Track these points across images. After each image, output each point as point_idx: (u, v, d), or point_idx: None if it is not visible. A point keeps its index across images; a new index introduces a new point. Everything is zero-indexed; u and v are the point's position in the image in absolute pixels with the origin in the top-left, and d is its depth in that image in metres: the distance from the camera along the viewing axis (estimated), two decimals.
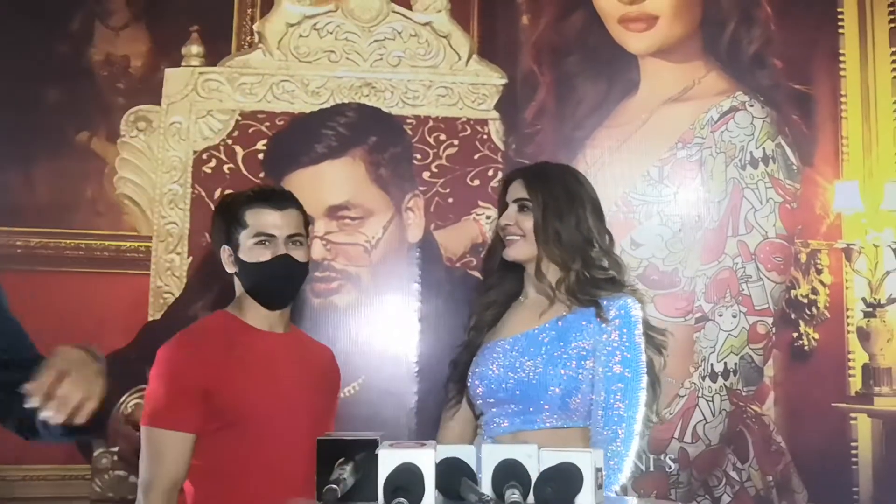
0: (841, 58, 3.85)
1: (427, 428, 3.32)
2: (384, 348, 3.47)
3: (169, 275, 3.45)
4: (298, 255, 2.35)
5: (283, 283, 2.37)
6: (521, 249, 2.41)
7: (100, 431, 1.99)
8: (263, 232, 2.33)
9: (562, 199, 2.41)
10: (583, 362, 2.31)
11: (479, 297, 2.57)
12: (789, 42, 3.80)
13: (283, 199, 2.37)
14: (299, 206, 2.39)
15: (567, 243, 2.37)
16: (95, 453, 3.32)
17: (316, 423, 2.37)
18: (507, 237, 2.43)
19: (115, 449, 3.35)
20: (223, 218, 2.38)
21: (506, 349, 2.40)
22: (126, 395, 3.35)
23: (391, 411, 3.38)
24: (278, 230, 2.34)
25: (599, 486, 1.77)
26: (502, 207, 2.48)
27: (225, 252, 2.37)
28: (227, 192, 3.31)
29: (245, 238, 2.33)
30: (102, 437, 2.75)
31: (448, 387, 2.55)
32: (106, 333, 3.33)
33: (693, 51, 3.75)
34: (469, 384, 2.45)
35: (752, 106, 3.73)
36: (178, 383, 2.26)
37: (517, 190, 2.45)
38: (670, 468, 3.53)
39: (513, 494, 1.55)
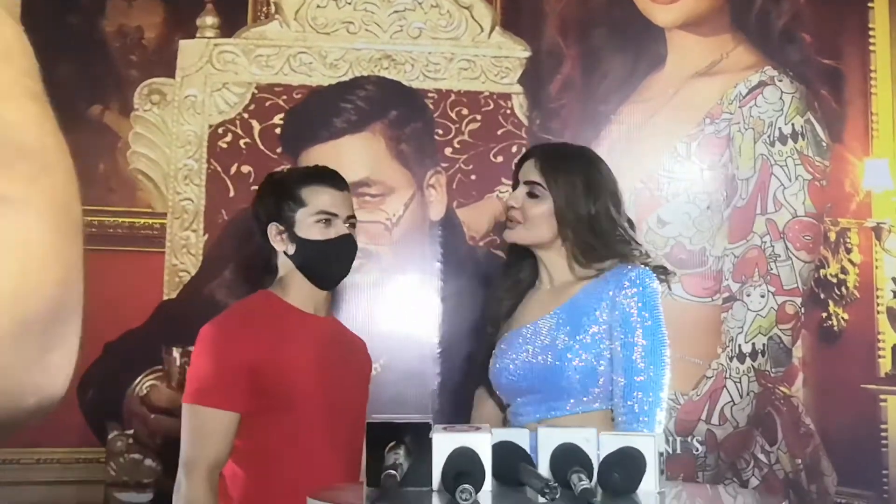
0: (871, 32, 3.76)
1: (450, 409, 3.25)
2: (406, 328, 3.38)
3: (185, 252, 3.36)
4: (355, 236, 2.40)
5: (343, 262, 2.40)
6: (521, 234, 2.40)
7: None
8: (326, 211, 2.34)
9: (579, 188, 2.36)
10: (600, 344, 2.26)
11: (491, 289, 2.57)
12: (818, 16, 3.71)
13: (340, 180, 2.40)
14: (349, 189, 2.42)
15: (582, 229, 2.34)
16: (110, 436, 3.24)
17: (356, 409, 2.39)
18: (508, 220, 2.41)
19: (130, 432, 3.26)
20: (275, 194, 2.36)
21: (524, 338, 2.36)
22: (141, 377, 3.27)
23: (414, 392, 3.30)
24: (339, 210, 2.36)
25: (662, 471, 1.71)
26: (515, 184, 2.44)
27: (273, 229, 2.35)
28: (244, 166, 3.24)
29: (304, 216, 2.33)
30: None
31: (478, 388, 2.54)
32: (120, 312, 3.24)
33: (721, 24, 3.65)
34: (491, 378, 2.42)
35: (780, 81, 3.64)
36: (226, 361, 2.22)
37: (529, 171, 2.41)
38: (697, 450, 3.46)
39: (581, 480, 1.47)
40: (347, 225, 2.38)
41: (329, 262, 2.37)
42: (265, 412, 2.24)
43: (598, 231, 2.33)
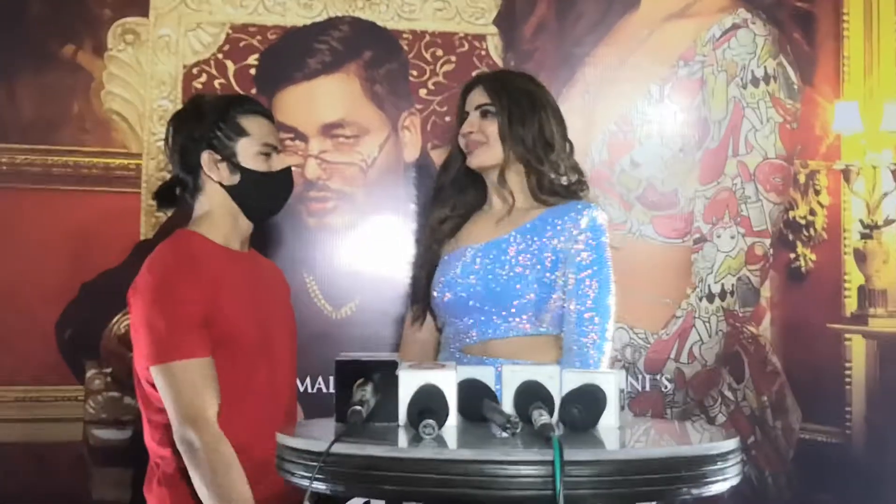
0: None
1: None
2: (380, 269, 3.41)
3: None
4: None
5: (285, 195, 2.38)
6: (486, 155, 2.45)
7: None
8: (269, 143, 2.30)
9: (524, 103, 2.45)
10: (555, 270, 2.36)
11: (432, 210, 2.62)
12: None
13: (268, 110, 2.38)
14: None
15: (531, 146, 2.41)
16: (88, 374, 3.28)
17: (293, 341, 2.38)
18: (470, 144, 2.44)
19: (108, 370, 3.29)
20: (210, 120, 2.28)
21: (474, 256, 2.43)
22: (118, 316, 3.29)
23: (387, 333, 3.34)
24: (277, 143, 2.34)
25: (623, 408, 1.76)
26: (462, 117, 2.49)
27: (209, 157, 2.27)
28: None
29: (248, 146, 2.28)
30: None
31: (412, 307, 2.60)
32: (96, 253, 3.26)
33: None
34: (435, 294, 2.47)
35: (754, 23, 3.65)
36: (178, 311, 2.15)
37: (478, 97, 2.48)
38: (666, 388, 3.53)
39: (541, 416, 1.53)
40: (278, 156, 2.34)
41: (272, 195, 2.33)
42: (215, 356, 2.18)
43: (548, 147, 2.42)
